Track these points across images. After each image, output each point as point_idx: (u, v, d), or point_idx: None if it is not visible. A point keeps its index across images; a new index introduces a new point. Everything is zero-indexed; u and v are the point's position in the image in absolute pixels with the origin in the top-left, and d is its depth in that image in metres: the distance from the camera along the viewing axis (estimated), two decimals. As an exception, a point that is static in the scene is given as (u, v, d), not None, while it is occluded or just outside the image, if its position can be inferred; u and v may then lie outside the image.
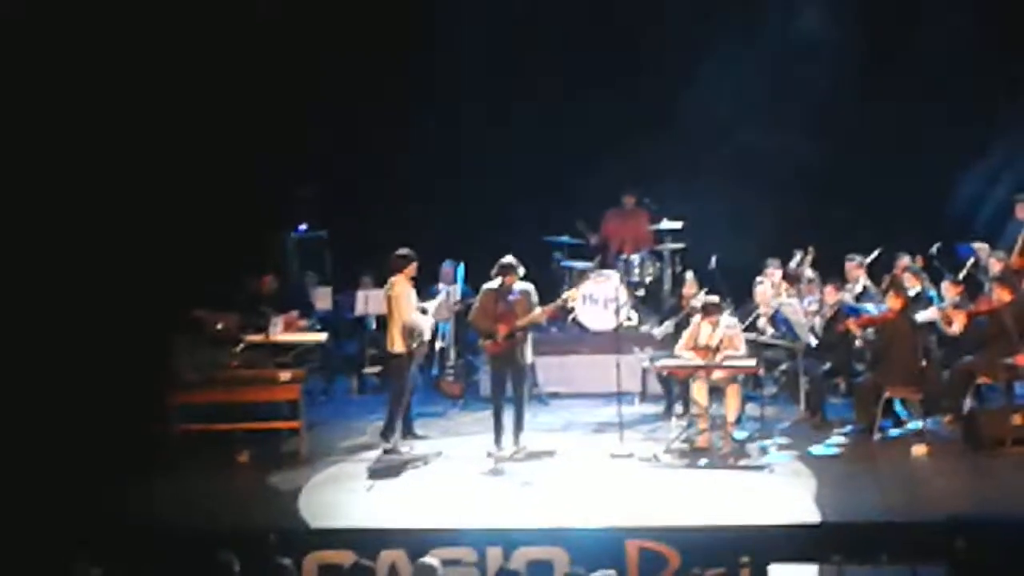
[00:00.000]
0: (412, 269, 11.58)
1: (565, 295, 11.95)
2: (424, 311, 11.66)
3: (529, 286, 11.50)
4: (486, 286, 11.51)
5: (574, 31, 15.01)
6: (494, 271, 11.45)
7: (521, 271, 11.45)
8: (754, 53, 14.12)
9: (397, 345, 11.47)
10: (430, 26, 14.62)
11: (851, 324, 11.85)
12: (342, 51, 14.59)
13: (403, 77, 14.85)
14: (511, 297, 11.35)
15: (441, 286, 13.31)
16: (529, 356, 11.57)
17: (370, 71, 14.69)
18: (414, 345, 11.46)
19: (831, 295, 12.42)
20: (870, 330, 11.82)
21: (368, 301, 13.65)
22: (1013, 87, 13.96)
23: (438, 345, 13.17)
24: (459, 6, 14.45)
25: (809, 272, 13.27)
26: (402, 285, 11.52)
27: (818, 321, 12.38)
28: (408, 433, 11.80)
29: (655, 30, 14.68)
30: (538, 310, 11.45)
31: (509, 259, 11.43)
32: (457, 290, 13.16)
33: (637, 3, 14.73)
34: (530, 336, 11.54)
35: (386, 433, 11.47)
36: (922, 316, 12.05)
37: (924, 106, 14.16)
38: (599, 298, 13.94)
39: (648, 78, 14.80)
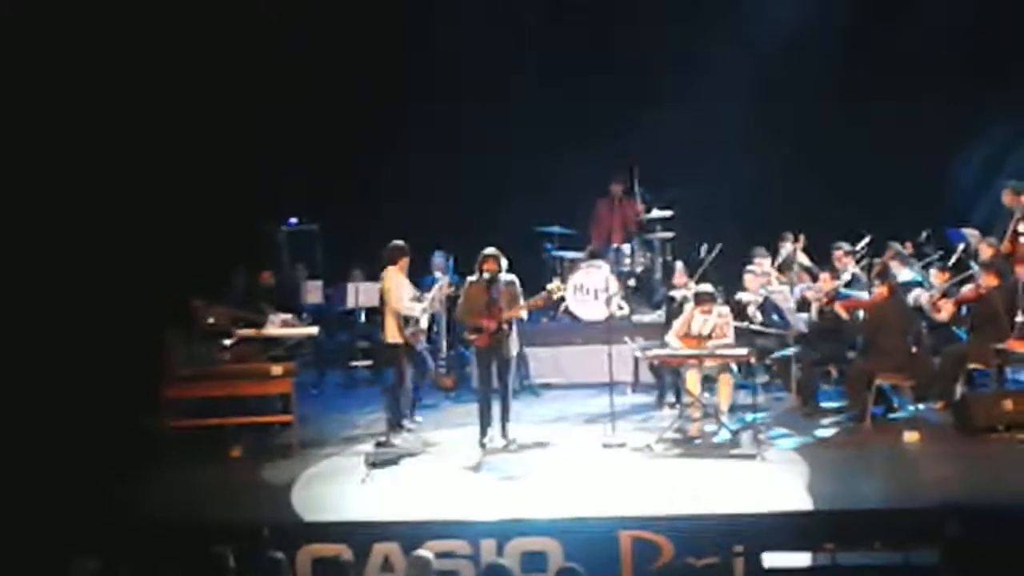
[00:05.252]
0: (405, 262, 11.63)
1: (550, 287, 11.82)
2: (419, 299, 11.69)
3: (513, 277, 11.45)
4: (470, 279, 11.46)
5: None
6: (477, 262, 11.38)
7: (504, 261, 11.39)
8: (742, 38, 14.14)
9: (392, 335, 11.48)
10: (425, 20, 14.64)
11: (838, 307, 11.86)
12: (336, 45, 14.61)
13: (397, 69, 14.87)
14: (496, 289, 11.32)
15: (438, 275, 13.30)
16: (514, 348, 11.52)
17: (361, 63, 14.71)
18: (409, 333, 11.48)
19: (826, 283, 12.42)
20: (860, 314, 11.83)
21: (359, 294, 13.66)
22: (1004, 70, 13.99)
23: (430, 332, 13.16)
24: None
25: (803, 259, 13.26)
26: (395, 276, 11.55)
27: (814, 307, 12.37)
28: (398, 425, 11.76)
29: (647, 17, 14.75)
30: (523, 302, 11.43)
31: (491, 249, 11.37)
32: (447, 281, 13.15)
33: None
34: (515, 327, 11.51)
35: (393, 423, 11.50)
36: (911, 302, 12.07)
37: (917, 91, 14.18)
38: (590, 288, 13.94)
39: (639, 63, 14.85)
